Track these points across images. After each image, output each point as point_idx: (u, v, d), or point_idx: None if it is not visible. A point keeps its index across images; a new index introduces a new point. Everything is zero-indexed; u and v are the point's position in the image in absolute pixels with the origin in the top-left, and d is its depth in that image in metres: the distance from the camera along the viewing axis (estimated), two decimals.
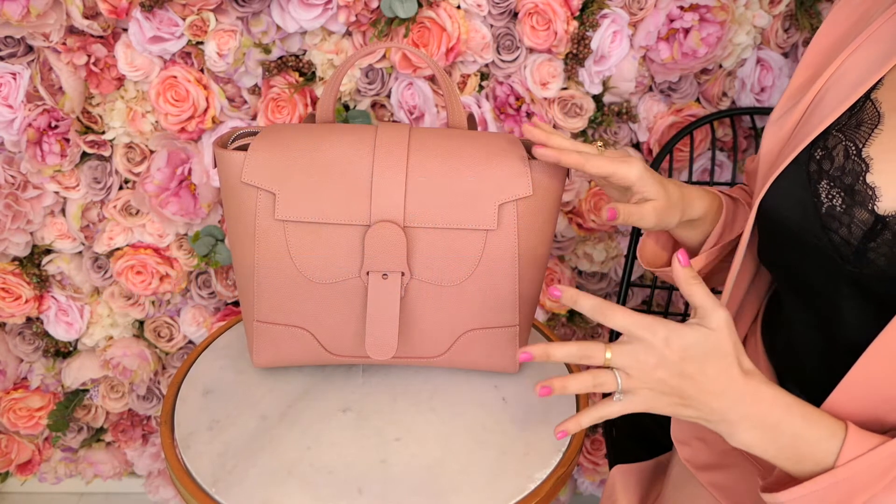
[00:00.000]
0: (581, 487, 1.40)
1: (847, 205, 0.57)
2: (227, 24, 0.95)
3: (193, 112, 0.98)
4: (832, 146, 0.60)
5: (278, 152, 0.68)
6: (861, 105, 0.60)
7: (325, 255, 0.68)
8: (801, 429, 0.53)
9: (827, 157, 0.60)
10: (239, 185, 0.68)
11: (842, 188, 0.58)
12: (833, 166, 0.59)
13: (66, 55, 0.95)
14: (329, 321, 0.72)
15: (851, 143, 0.59)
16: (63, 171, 1.04)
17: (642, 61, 1.00)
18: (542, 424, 0.72)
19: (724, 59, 1.01)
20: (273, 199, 0.67)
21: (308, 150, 0.68)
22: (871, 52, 0.61)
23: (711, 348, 0.53)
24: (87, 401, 1.29)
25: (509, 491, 0.65)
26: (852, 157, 0.58)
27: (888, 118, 0.58)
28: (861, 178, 0.57)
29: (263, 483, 0.64)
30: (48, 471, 1.38)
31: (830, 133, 0.61)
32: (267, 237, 0.69)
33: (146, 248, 1.11)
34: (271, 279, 0.70)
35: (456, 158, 0.68)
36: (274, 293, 0.71)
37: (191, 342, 1.23)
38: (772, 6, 0.99)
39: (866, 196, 0.57)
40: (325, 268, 0.69)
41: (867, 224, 0.56)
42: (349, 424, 0.71)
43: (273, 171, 0.67)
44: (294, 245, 0.68)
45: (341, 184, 0.67)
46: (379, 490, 0.64)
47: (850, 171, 0.58)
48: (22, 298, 1.12)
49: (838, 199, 0.58)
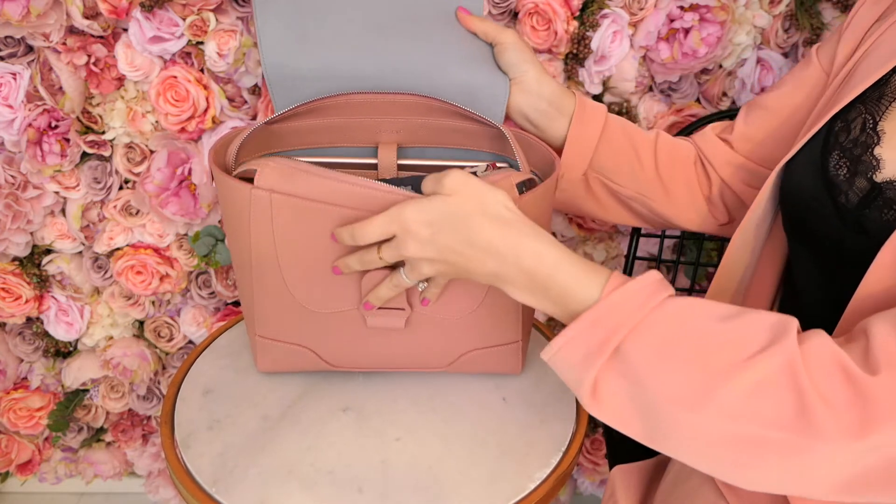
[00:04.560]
0: (581, 487, 1.40)
1: (850, 173, 0.58)
2: (227, 24, 0.95)
3: (193, 112, 0.98)
4: (852, 118, 0.61)
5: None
6: (887, 79, 0.60)
7: (324, 291, 0.68)
8: (568, 280, 0.53)
9: (845, 129, 0.61)
10: (241, 210, 0.65)
11: (849, 159, 0.59)
12: (848, 138, 0.60)
13: (66, 55, 0.95)
14: (330, 342, 0.72)
15: (870, 116, 0.59)
16: (63, 171, 1.04)
17: (642, 61, 1.00)
18: (542, 424, 0.72)
19: (724, 59, 1.01)
20: (273, 238, 0.65)
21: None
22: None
23: (451, 213, 0.55)
24: (87, 401, 1.29)
25: (509, 491, 0.65)
26: (867, 130, 0.59)
27: None
28: (870, 150, 0.58)
29: (264, 483, 0.64)
30: (48, 471, 1.38)
31: (855, 105, 0.61)
32: (263, 266, 0.67)
33: (146, 248, 1.11)
34: (271, 305, 0.70)
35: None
36: (274, 317, 0.71)
37: (191, 342, 1.23)
38: (772, 6, 0.99)
39: (869, 166, 0.57)
40: (323, 301, 0.69)
41: (864, 191, 0.57)
42: (349, 424, 0.71)
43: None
44: (291, 280, 0.67)
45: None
46: (379, 490, 0.64)
47: (861, 143, 0.59)
48: (22, 298, 1.12)
49: (843, 169, 0.59)
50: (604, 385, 0.51)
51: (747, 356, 0.47)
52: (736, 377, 0.47)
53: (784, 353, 0.47)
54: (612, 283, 0.52)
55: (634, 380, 0.50)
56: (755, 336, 0.48)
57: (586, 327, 0.51)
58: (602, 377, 0.51)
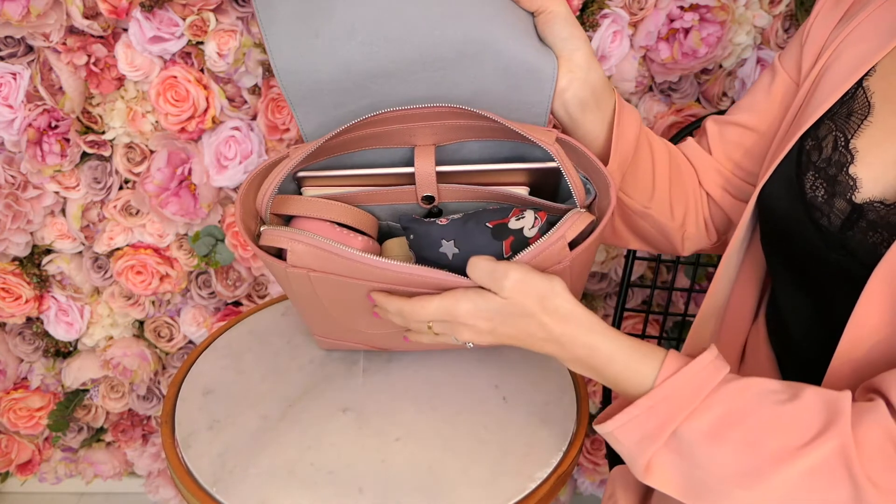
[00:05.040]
0: (581, 487, 1.40)
1: (829, 195, 0.58)
2: (227, 24, 0.95)
3: (193, 112, 0.98)
4: (823, 136, 0.60)
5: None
6: (853, 93, 0.59)
7: (368, 322, 0.69)
8: (622, 371, 0.55)
9: (816, 147, 0.60)
10: (277, 270, 0.65)
11: (825, 179, 0.58)
12: (821, 157, 0.60)
13: (66, 55, 0.95)
14: (376, 340, 0.76)
15: (841, 134, 0.59)
16: (63, 171, 1.04)
17: (642, 61, 1.01)
18: (542, 424, 0.72)
19: (724, 59, 1.01)
20: (314, 293, 0.66)
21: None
22: (867, 35, 0.61)
23: (510, 313, 0.57)
24: (88, 401, 1.29)
25: (509, 491, 0.65)
26: (840, 149, 0.58)
27: (878, 110, 0.58)
28: (845, 170, 0.57)
29: (264, 483, 0.64)
30: (48, 471, 1.38)
31: (823, 122, 0.60)
32: (305, 301, 0.68)
33: (146, 248, 1.11)
34: (318, 323, 0.74)
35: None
36: (323, 328, 0.76)
37: (191, 342, 1.23)
38: (772, 6, 0.99)
39: (847, 186, 0.57)
40: (367, 326, 0.71)
41: (845, 213, 0.56)
42: (349, 424, 0.71)
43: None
44: (335, 313, 0.69)
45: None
46: (379, 490, 0.64)
47: (835, 163, 0.58)
48: (22, 298, 1.12)
49: (821, 190, 0.58)
50: (658, 463, 0.54)
51: (802, 443, 0.49)
52: (790, 464, 0.48)
53: (837, 439, 0.48)
54: (666, 369, 0.54)
55: (689, 459, 0.52)
56: (810, 421, 0.49)
57: (641, 413, 0.53)
58: (657, 457, 0.53)
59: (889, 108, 0.57)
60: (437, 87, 0.64)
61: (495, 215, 0.64)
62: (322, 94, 0.64)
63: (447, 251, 0.63)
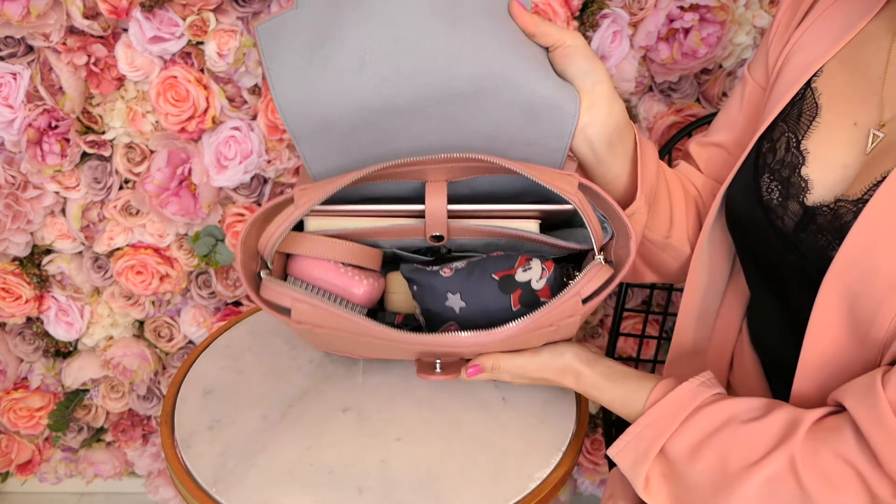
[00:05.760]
0: (581, 487, 1.40)
1: (783, 197, 0.58)
2: (227, 24, 0.95)
3: (193, 112, 0.98)
4: (777, 137, 0.61)
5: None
6: (802, 94, 0.60)
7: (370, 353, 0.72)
8: (621, 408, 0.63)
9: (771, 149, 0.61)
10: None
11: (779, 181, 0.59)
12: (775, 159, 0.60)
13: (67, 55, 0.95)
14: (380, 354, 0.76)
15: (793, 135, 0.59)
16: (63, 171, 1.04)
17: (642, 61, 1.01)
18: (542, 424, 0.72)
19: (724, 59, 1.01)
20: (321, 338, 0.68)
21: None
22: (817, 36, 0.61)
23: (541, 378, 0.66)
24: (88, 401, 1.29)
25: (509, 491, 0.65)
26: (792, 150, 0.59)
27: (825, 111, 0.58)
28: (797, 171, 0.58)
29: (264, 483, 0.64)
30: (48, 471, 1.38)
31: (777, 124, 0.61)
32: (303, 333, 0.67)
33: (146, 248, 1.11)
34: (318, 346, 0.76)
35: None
36: (329, 346, 0.75)
37: (191, 342, 1.23)
38: (772, 6, 0.99)
39: (799, 188, 0.57)
40: (380, 354, 0.74)
41: (797, 215, 0.57)
42: (349, 424, 0.71)
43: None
44: (335, 343, 0.70)
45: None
46: (379, 490, 0.64)
47: (788, 164, 0.59)
48: (22, 298, 1.12)
49: (776, 192, 0.59)
50: (654, 482, 0.59)
51: (759, 457, 0.53)
52: (750, 477, 0.53)
53: (787, 452, 0.52)
54: (653, 396, 0.60)
55: (676, 477, 0.58)
56: (770, 437, 0.53)
57: (632, 438, 0.60)
58: (651, 475, 0.59)
59: (834, 109, 0.58)
60: (452, 121, 0.61)
61: (501, 264, 0.62)
62: (329, 130, 0.61)
63: (454, 305, 0.62)
